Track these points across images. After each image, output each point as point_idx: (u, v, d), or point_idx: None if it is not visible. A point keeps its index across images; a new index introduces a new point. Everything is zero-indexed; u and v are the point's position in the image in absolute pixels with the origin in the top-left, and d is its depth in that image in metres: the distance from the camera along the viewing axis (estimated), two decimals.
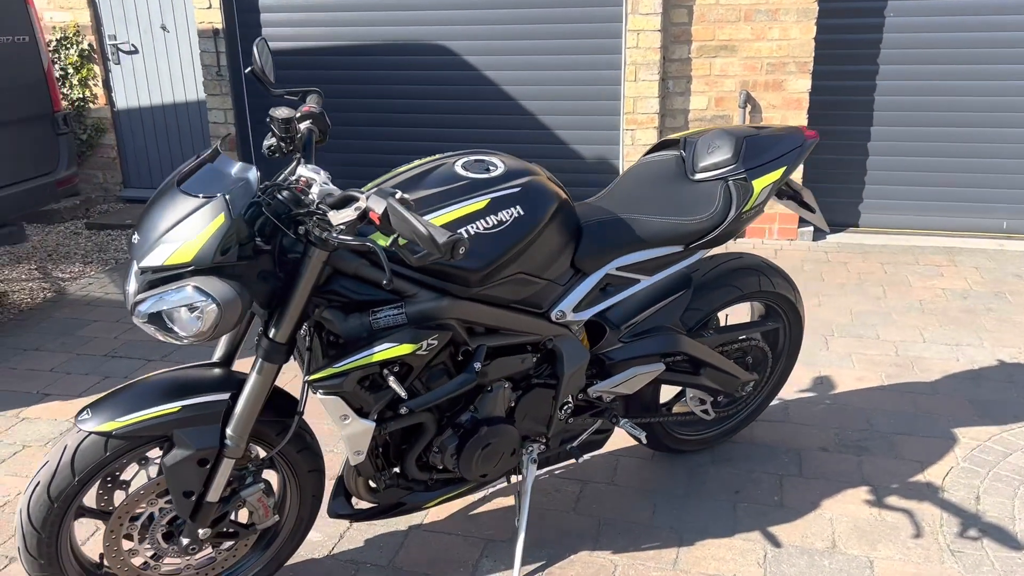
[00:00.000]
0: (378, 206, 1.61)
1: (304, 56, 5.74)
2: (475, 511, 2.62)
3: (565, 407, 2.29)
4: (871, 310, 4.11)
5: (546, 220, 2.01)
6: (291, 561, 2.41)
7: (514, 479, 2.61)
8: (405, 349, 1.86)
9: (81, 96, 6.43)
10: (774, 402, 3.23)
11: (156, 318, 1.70)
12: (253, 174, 1.73)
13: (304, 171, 1.84)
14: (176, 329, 1.70)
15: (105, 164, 6.58)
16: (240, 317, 1.71)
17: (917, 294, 4.32)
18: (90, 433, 1.83)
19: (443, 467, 2.18)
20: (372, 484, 2.17)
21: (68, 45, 6.33)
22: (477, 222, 1.91)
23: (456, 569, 2.37)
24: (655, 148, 2.54)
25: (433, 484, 2.22)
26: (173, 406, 1.86)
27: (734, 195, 2.33)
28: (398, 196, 1.62)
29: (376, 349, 1.85)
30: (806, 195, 2.56)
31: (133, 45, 6.39)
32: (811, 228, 5.28)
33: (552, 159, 5.47)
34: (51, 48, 6.34)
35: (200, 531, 1.96)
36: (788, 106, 5.07)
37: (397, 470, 2.17)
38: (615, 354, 2.38)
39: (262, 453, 2.03)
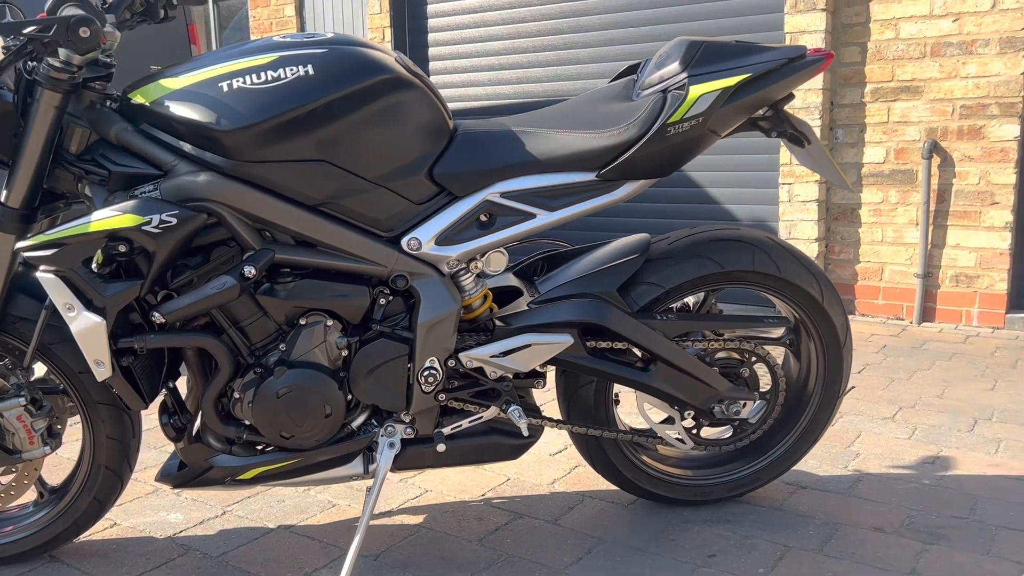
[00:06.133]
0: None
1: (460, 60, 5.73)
2: (372, 523, 2.08)
3: (428, 374, 1.75)
4: None
5: (353, 92, 1.56)
6: (121, 535, 2.05)
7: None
8: (126, 221, 1.49)
9: None
10: (847, 472, 2.34)
11: None
12: None
13: None
14: None
15: None
16: None
17: None
18: None
19: (250, 423, 1.73)
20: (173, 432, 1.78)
21: None
22: (248, 76, 1.53)
23: (284, 573, 1.85)
24: (619, 76, 1.99)
25: (242, 447, 1.77)
26: None
27: (665, 105, 1.71)
28: None
29: (94, 217, 1.50)
30: (798, 122, 1.82)
31: None
32: None
33: (702, 219, 4.84)
34: None
35: None
36: (989, 158, 4.06)
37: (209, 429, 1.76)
38: (514, 319, 1.81)
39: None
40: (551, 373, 1.98)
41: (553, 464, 2.44)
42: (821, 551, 1.91)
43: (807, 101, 4.36)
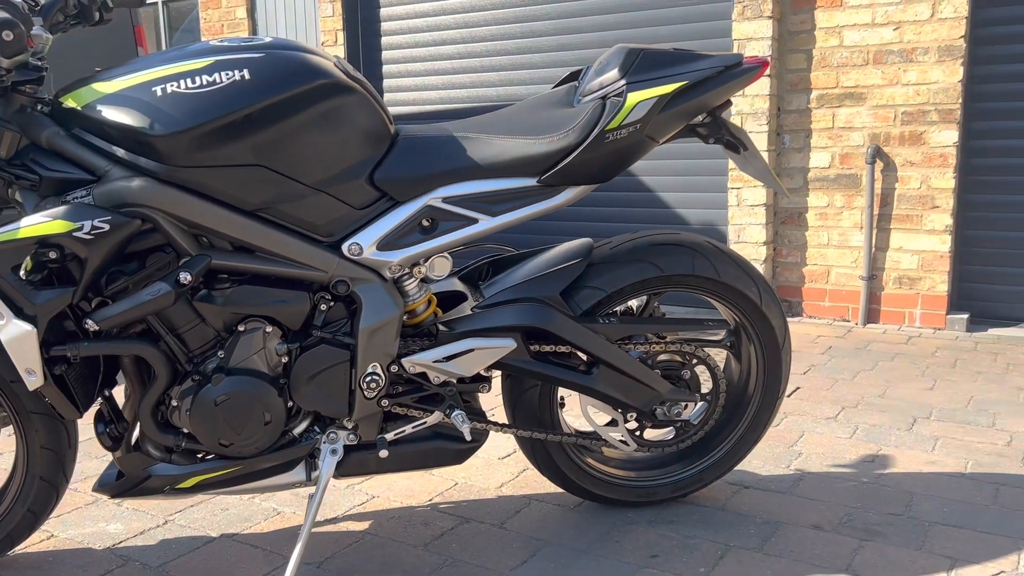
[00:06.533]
0: None
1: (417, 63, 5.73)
2: (316, 530, 2.07)
3: (370, 380, 1.74)
4: (1001, 399, 3.05)
5: (290, 96, 1.56)
6: (58, 547, 2.01)
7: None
8: (57, 227, 1.47)
9: None
10: (789, 471, 2.38)
11: None
12: None
13: None
14: None
15: None
16: None
17: None
18: None
19: (188, 431, 1.71)
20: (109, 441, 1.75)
21: None
22: (182, 80, 1.51)
23: None
24: (561, 82, 2.00)
25: (181, 455, 1.75)
26: None
27: (604, 112, 1.73)
28: None
29: (24, 223, 1.48)
30: (735, 129, 1.86)
31: None
32: (965, 316, 4.20)
33: (653, 223, 4.90)
34: None
35: None
36: (929, 162, 4.17)
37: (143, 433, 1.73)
38: (457, 324, 1.81)
39: None
40: (497, 378, 1.99)
41: (501, 468, 2.45)
42: (761, 550, 1.94)
43: (755, 107, 4.43)
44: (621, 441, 2.02)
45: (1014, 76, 4.08)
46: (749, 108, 4.44)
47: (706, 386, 2.07)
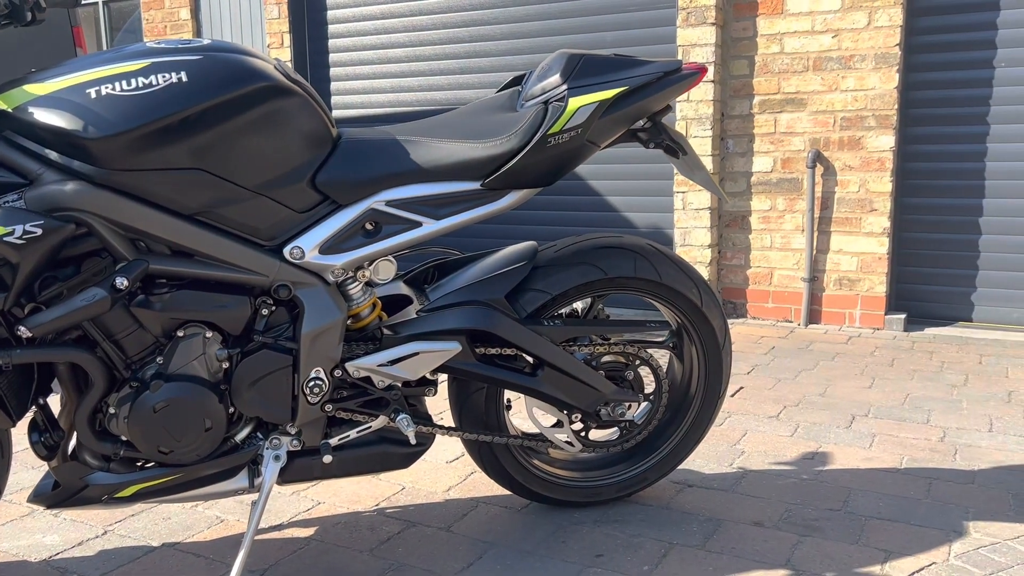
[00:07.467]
0: None
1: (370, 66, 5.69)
2: (261, 537, 2.05)
3: (313, 385, 1.73)
4: (936, 396, 3.15)
5: (228, 99, 1.54)
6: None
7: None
8: None
9: None
10: (731, 469, 2.43)
11: None
12: None
13: None
14: None
15: None
16: None
17: (1010, 385, 3.29)
18: None
19: (127, 439, 1.68)
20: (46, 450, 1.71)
21: None
22: (117, 83, 1.49)
23: None
24: (505, 87, 2.02)
25: (120, 463, 1.71)
26: None
27: (546, 116, 1.75)
28: None
29: None
30: (675, 134, 1.90)
31: None
32: (903, 317, 4.32)
33: (600, 227, 4.94)
34: None
35: None
36: (868, 167, 4.28)
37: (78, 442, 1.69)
38: (402, 327, 1.81)
39: None
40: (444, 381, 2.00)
41: (449, 471, 2.45)
42: (703, 547, 1.97)
43: (699, 112, 4.50)
44: (566, 442, 2.03)
45: (947, 83, 4.22)
46: (693, 113, 4.51)
47: (649, 387, 2.10)
